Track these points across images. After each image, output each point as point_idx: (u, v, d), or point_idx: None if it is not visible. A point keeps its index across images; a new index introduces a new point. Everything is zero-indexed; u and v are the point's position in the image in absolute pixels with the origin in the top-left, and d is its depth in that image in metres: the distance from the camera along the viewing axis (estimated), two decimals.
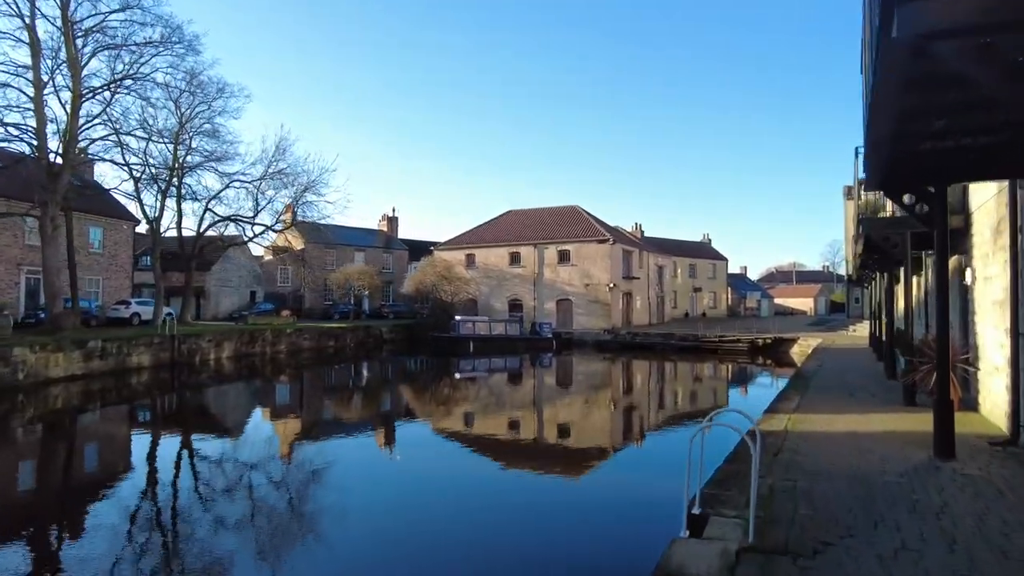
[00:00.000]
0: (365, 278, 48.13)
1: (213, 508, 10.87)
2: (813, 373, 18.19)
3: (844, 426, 10.06)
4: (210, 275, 50.35)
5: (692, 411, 21.47)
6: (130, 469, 13.77)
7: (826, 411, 11.58)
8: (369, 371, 35.62)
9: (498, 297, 50.60)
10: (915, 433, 9.32)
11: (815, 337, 37.66)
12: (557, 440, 16.97)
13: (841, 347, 29.84)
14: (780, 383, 23.99)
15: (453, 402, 24.54)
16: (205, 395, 26.16)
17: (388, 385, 30.34)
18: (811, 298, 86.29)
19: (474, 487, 12.09)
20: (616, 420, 20.41)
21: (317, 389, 28.84)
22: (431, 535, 9.35)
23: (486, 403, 23.99)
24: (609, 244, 46.67)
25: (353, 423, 19.97)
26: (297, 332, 40.04)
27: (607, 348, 44.02)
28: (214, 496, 11.50)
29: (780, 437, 9.25)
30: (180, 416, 21.01)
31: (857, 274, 25.06)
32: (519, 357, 40.99)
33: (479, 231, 53.45)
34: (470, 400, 24.87)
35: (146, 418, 20.62)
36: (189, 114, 33.32)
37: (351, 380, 32.14)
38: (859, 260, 19.61)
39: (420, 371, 36.14)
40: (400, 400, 25.75)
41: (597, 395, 25.95)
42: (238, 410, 22.96)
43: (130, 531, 9.52)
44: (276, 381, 30.74)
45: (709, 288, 69.76)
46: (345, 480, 12.55)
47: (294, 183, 36.45)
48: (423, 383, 31.03)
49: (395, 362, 40.05)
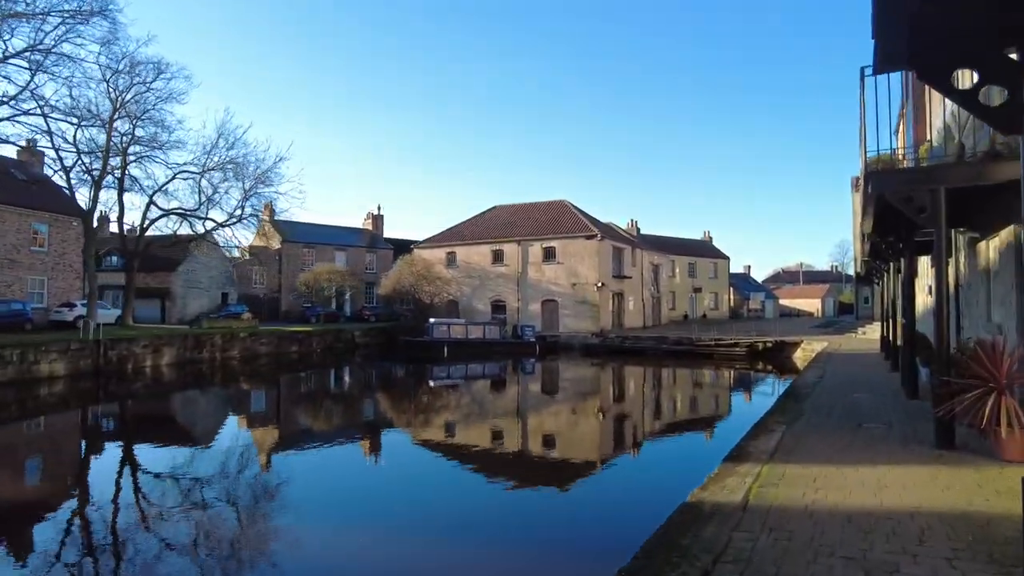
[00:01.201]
0: (336, 278, 44.44)
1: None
2: (811, 388, 14.16)
3: (845, 494, 6.02)
4: (176, 276, 46.96)
5: (664, 429, 17.56)
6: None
7: (819, 457, 7.57)
8: (327, 380, 31.86)
9: (480, 298, 46.78)
10: (970, 516, 5.30)
11: (820, 340, 33.52)
12: (522, 478, 13.11)
13: (848, 352, 25.71)
14: (780, 389, 20.11)
15: (411, 418, 20.70)
16: (123, 407, 22.46)
17: (339, 398, 26.60)
18: (818, 299, 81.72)
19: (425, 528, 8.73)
20: (579, 444, 16.47)
21: (257, 400, 25.15)
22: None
23: (449, 421, 20.08)
24: (597, 240, 42.72)
25: (267, 442, 16.17)
26: (253, 336, 36.41)
27: (594, 353, 40.12)
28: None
29: (730, 519, 5.33)
30: (65, 435, 17.35)
31: (866, 266, 20.98)
32: (498, 363, 37.20)
33: (461, 228, 49.68)
34: (432, 418, 20.99)
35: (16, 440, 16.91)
36: (125, 97, 29.81)
37: (301, 390, 28.41)
38: (868, 244, 15.60)
39: (385, 380, 32.37)
40: (349, 416, 21.89)
41: (571, 410, 22.01)
42: (152, 424, 19.18)
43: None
44: (217, 390, 27.09)
45: (710, 288, 65.54)
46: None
47: (244, 174, 32.72)
48: (383, 394, 27.26)
49: (363, 369, 36.32)
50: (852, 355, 24.32)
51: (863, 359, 22.18)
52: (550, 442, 16.26)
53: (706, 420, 19.71)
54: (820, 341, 33.29)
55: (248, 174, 32.89)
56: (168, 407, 22.83)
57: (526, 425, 18.75)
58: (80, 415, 20.84)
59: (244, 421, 20.44)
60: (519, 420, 19.55)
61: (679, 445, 15.84)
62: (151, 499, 10.72)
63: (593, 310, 42.74)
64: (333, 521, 9.44)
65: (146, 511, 9.98)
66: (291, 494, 10.77)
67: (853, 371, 17.93)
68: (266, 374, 32.30)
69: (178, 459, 13.83)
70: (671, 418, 20.04)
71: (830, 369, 18.54)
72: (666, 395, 25.82)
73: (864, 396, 12.66)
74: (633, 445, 15.84)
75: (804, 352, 33.96)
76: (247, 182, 32.52)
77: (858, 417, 10.23)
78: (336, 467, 13.55)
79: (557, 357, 39.90)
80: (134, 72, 29.27)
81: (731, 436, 10.27)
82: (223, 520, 9.44)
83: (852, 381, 15.31)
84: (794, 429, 9.26)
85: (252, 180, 32.69)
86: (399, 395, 26.85)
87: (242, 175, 32.84)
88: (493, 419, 19.88)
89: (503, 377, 32.56)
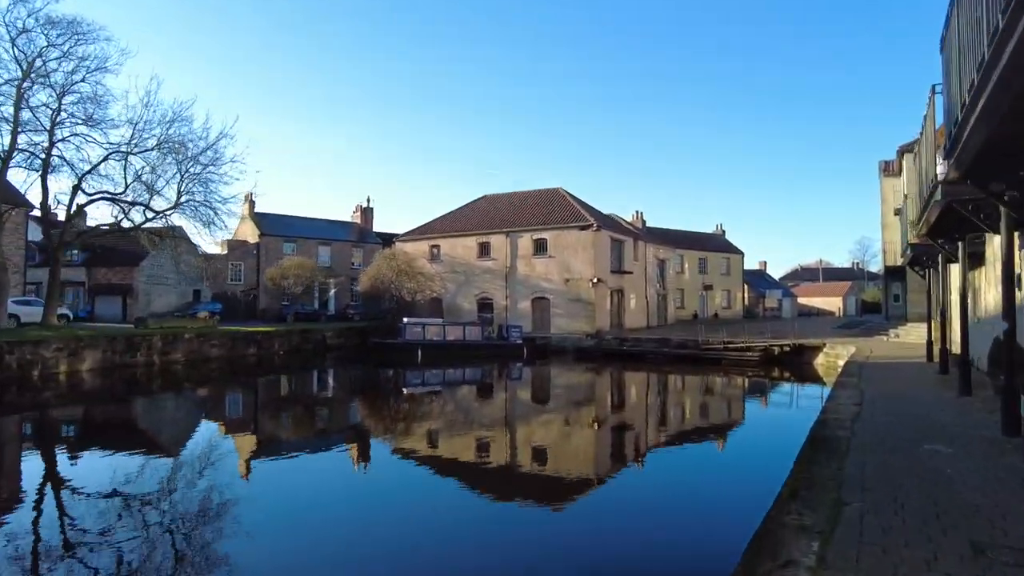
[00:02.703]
0: (306, 273, 39.90)
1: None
2: (848, 427, 9.01)
3: None
4: (138, 271, 42.90)
5: (656, 469, 12.61)
6: None
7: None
8: (276, 388, 27.26)
9: (466, 295, 42.00)
10: None
11: (846, 344, 28.24)
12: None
13: (885, 360, 20.44)
14: (804, 406, 15.11)
15: (357, 437, 16.04)
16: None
17: (281, 408, 21.99)
18: (839, 297, 75.68)
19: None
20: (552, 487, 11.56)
21: (178, 411, 20.62)
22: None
23: (405, 447, 15.33)
24: (592, 231, 37.69)
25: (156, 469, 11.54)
26: (201, 338, 32.00)
27: (588, 357, 35.23)
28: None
29: None
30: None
31: (912, 252, 15.88)
32: (480, 368, 32.50)
33: (447, 219, 44.89)
34: (389, 438, 16.27)
35: None
36: (33, 62, 25.45)
37: (238, 400, 23.89)
38: (927, 227, 10.65)
39: (344, 388, 27.75)
40: (277, 434, 17.25)
41: (543, 435, 17.12)
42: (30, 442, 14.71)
43: None
44: (142, 400, 22.58)
45: (722, 285, 60.09)
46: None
47: (183, 155, 28.12)
48: (333, 405, 22.64)
49: (323, 376, 31.76)
50: (890, 365, 19.10)
51: (907, 371, 16.99)
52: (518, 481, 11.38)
53: (704, 452, 14.75)
54: (846, 344, 28.03)
55: (188, 156, 28.35)
56: (60, 420, 18.30)
57: (486, 459, 13.91)
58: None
59: (144, 437, 15.92)
60: (483, 453, 14.66)
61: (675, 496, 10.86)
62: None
63: (588, 309, 37.76)
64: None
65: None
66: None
67: (902, 392, 12.83)
68: (213, 380, 27.91)
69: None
70: (662, 454, 15.03)
71: (869, 389, 13.44)
72: (662, 413, 20.80)
73: (943, 450, 7.62)
74: (617, 495, 10.91)
75: (827, 358, 28.83)
76: (184, 164, 28.01)
77: (958, 513, 5.25)
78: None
79: (548, 361, 35.09)
80: (48, 34, 24.91)
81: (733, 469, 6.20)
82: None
83: (908, 412, 10.28)
84: (835, 555, 4.36)
85: (190, 161, 28.11)
86: (353, 406, 22.23)
87: (181, 156, 28.34)
88: (460, 444, 15.03)
89: (479, 386, 27.85)
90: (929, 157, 10.51)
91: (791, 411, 20.17)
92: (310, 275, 39.98)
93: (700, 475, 12.21)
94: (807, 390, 25.51)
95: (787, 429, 15.65)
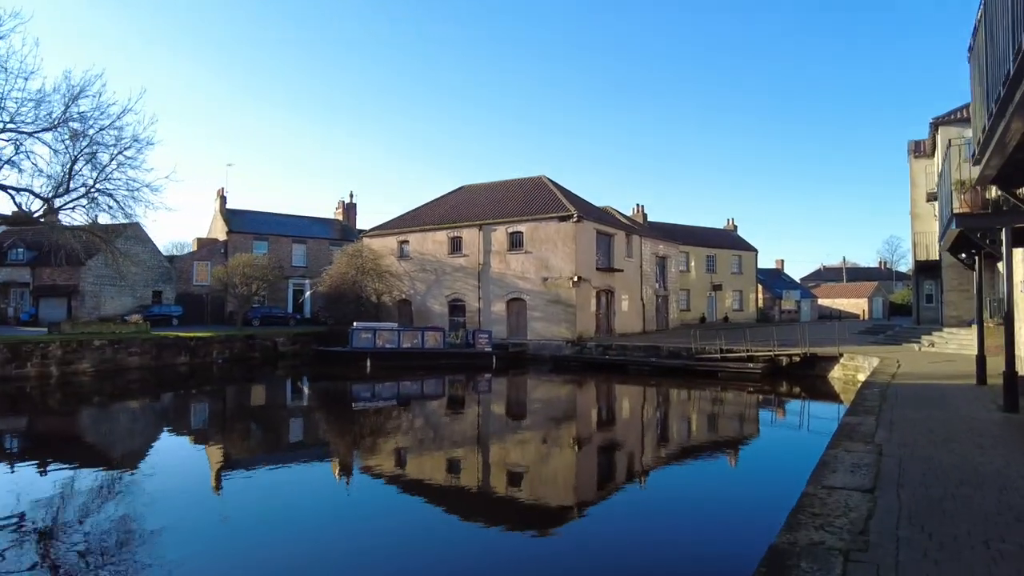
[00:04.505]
0: (258, 272, 35.40)
1: None
2: (875, 558, 4.10)
3: None
4: (85, 271, 38.92)
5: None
6: None
7: None
8: (188, 405, 22.68)
9: (436, 296, 37.10)
10: None
11: (868, 354, 22.61)
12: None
13: (921, 381, 14.87)
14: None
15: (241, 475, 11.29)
16: None
17: (185, 429, 17.34)
18: (864, 299, 68.94)
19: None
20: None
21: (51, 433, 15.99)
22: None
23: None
24: (573, 222, 32.48)
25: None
26: (117, 344, 27.63)
27: (566, 367, 30.10)
28: None
29: None
30: None
31: (963, 225, 10.49)
32: (439, 380, 27.68)
33: (418, 212, 40.00)
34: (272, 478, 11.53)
35: None
36: None
37: (133, 420, 19.27)
38: (1000, 157, 5.39)
39: (275, 405, 23.07)
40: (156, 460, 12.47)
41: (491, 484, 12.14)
42: None
43: None
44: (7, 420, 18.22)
45: (733, 285, 54.21)
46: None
47: (77, 134, 23.60)
48: (247, 429, 17.93)
49: (255, 387, 27.20)
50: (925, 389, 13.58)
51: (952, 400, 11.53)
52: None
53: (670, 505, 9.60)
54: (869, 355, 22.41)
55: (85, 134, 23.88)
56: None
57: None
58: None
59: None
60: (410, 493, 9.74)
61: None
62: None
63: (568, 311, 32.55)
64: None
65: None
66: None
67: (950, 449, 7.54)
68: (122, 395, 23.56)
69: None
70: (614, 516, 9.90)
71: (893, 439, 8.08)
72: (629, 451, 15.58)
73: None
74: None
75: (845, 370, 23.33)
76: (80, 144, 23.58)
77: None
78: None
79: (523, 371, 30.08)
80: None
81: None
82: None
83: (973, 514, 5.14)
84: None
85: (86, 142, 23.68)
86: (256, 430, 17.44)
87: (80, 136, 23.90)
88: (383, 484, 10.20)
89: (424, 406, 22.90)
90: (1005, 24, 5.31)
91: (796, 440, 14.86)
92: (261, 274, 35.38)
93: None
94: (819, 408, 20.16)
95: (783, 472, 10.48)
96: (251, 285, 34.95)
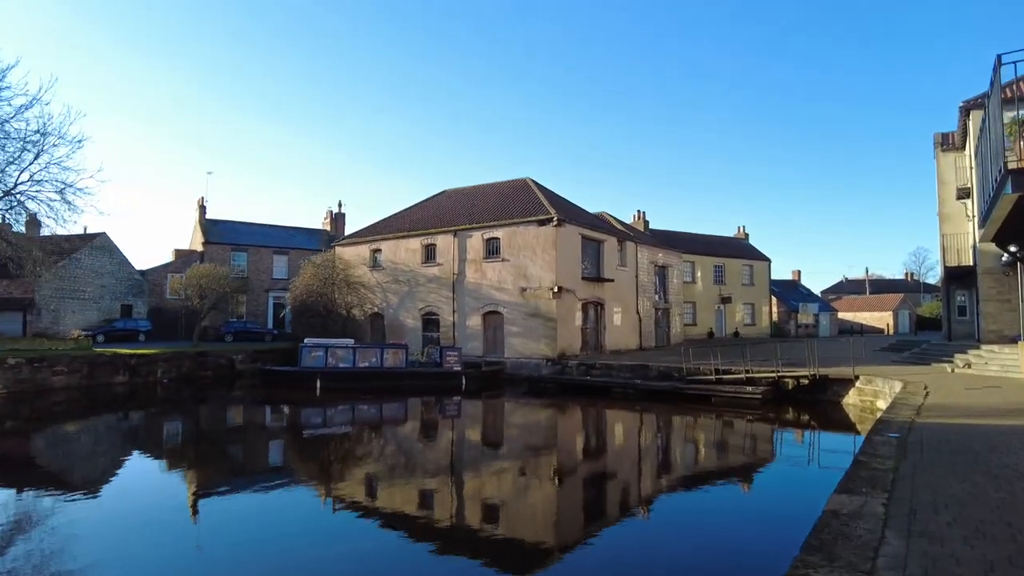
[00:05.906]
0: (214, 283, 32.35)
1: None
2: None
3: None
4: (43, 283, 36.26)
5: None
6: None
7: None
8: (101, 431, 19.36)
9: (409, 310, 33.65)
10: None
11: (890, 376, 18.54)
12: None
13: (958, 418, 10.80)
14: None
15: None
16: None
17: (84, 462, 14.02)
18: (889, 312, 63.89)
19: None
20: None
21: None
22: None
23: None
24: (553, 226, 28.85)
25: None
26: (38, 362, 24.63)
27: (543, 389, 26.39)
28: None
29: None
30: None
31: (1009, 216, 6.72)
32: (399, 405, 24.24)
33: (393, 219, 36.71)
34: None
35: None
36: None
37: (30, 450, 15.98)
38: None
39: (211, 432, 19.67)
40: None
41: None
42: None
43: None
44: None
45: (744, 298, 49.90)
46: None
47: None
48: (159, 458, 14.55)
49: (193, 412, 23.91)
50: (970, 430, 9.60)
51: (1017, 455, 7.71)
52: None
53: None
54: (890, 378, 18.31)
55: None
56: None
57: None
58: None
59: None
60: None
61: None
62: None
63: (549, 326, 28.84)
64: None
65: None
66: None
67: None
68: (39, 420, 20.53)
69: None
70: None
71: (925, 547, 4.40)
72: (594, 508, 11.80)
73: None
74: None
75: (861, 395, 19.37)
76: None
77: None
78: None
79: (498, 393, 26.51)
80: None
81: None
82: None
83: None
84: None
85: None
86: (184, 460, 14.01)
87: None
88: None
89: (375, 437, 19.30)
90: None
91: (797, 485, 10.96)
92: (219, 285, 32.31)
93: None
94: (829, 440, 16.25)
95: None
96: (206, 298, 31.83)
